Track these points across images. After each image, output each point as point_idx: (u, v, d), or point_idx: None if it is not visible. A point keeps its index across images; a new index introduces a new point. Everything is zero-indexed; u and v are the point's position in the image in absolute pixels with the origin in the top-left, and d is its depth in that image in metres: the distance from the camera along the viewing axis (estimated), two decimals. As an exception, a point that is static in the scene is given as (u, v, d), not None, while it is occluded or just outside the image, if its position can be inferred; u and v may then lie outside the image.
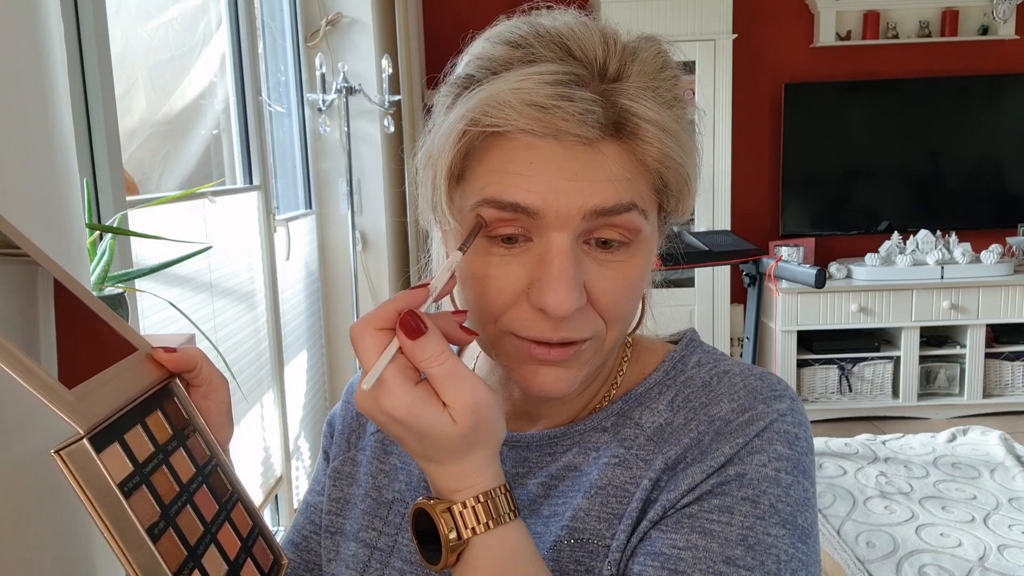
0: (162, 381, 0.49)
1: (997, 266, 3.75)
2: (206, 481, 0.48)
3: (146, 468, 0.43)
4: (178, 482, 0.45)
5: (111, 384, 0.44)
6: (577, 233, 0.52)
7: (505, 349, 0.56)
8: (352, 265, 3.04)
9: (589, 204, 0.51)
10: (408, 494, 0.66)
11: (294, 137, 3.02)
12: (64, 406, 0.39)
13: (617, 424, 0.61)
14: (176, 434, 0.48)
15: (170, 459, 0.46)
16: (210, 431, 0.52)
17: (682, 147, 0.53)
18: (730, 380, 0.60)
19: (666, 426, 0.59)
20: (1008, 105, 3.98)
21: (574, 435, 0.62)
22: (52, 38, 0.76)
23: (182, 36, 2.07)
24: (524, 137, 0.51)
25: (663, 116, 0.52)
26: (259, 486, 2.31)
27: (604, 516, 0.57)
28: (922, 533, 2.60)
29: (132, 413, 0.44)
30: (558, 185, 0.51)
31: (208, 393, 0.53)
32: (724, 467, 0.54)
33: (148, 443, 0.44)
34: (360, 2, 3.03)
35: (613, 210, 0.51)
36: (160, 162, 1.99)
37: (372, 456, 0.70)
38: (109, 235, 1.20)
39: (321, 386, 3.11)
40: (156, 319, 1.64)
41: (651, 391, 0.62)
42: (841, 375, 3.84)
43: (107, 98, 1.46)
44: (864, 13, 3.95)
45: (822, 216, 4.07)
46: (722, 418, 0.57)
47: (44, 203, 0.75)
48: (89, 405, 0.41)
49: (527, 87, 0.50)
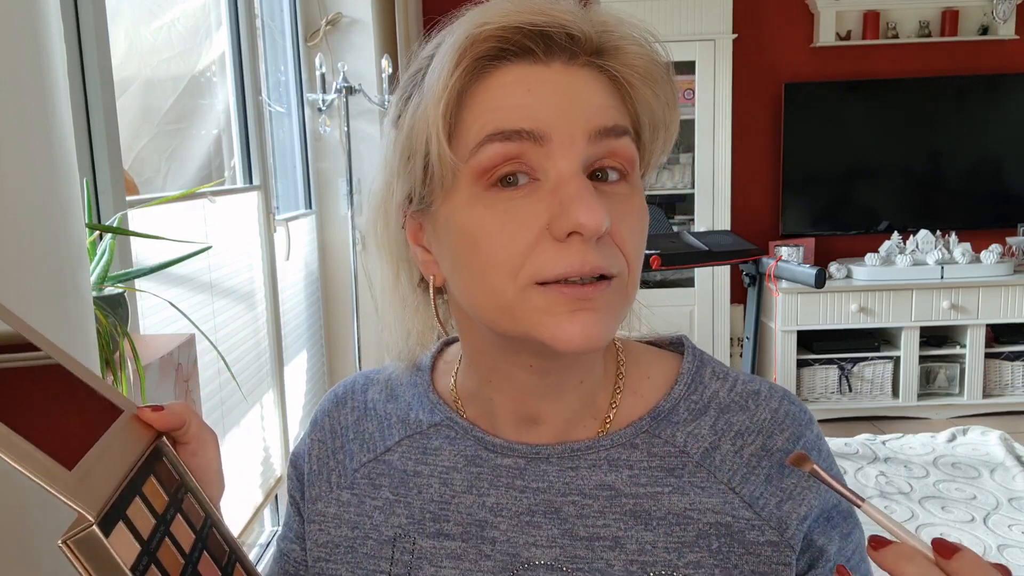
0: (151, 443, 0.47)
1: (997, 266, 3.75)
2: (206, 547, 0.46)
3: (151, 545, 0.41)
4: (182, 554, 0.44)
5: (107, 456, 0.42)
6: (583, 160, 0.51)
7: (530, 305, 0.51)
8: (352, 265, 3.04)
9: (593, 123, 0.50)
10: (412, 528, 0.61)
11: (294, 137, 3.02)
12: (68, 491, 0.37)
13: (650, 443, 0.60)
14: (172, 500, 0.45)
15: (171, 529, 0.44)
16: (201, 490, 0.49)
17: (663, 83, 0.54)
18: (767, 405, 0.61)
19: (712, 451, 0.59)
20: (1008, 105, 3.98)
21: (599, 450, 0.59)
22: (52, 38, 0.76)
23: (184, 36, 2.07)
24: (514, 69, 0.51)
25: (643, 39, 0.54)
26: (259, 486, 2.31)
27: (671, 546, 0.57)
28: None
29: (130, 486, 0.42)
30: (561, 107, 0.50)
31: (197, 450, 0.50)
32: (816, 501, 0.58)
33: (149, 516, 0.42)
34: (360, 2, 3.03)
35: (614, 130, 0.51)
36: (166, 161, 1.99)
37: (362, 494, 0.64)
38: (109, 235, 1.20)
39: (321, 386, 3.11)
40: (156, 319, 1.64)
41: (678, 408, 0.60)
42: (841, 375, 3.84)
43: (107, 98, 1.46)
44: (864, 13, 3.94)
45: (822, 216, 4.07)
46: (780, 450, 0.59)
47: (44, 203, 0.75)
48: (92, 485, 0.39)
49: (509, 7, 0.51)
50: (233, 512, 2.08)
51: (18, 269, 0.70)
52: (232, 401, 2.06)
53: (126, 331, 1.13)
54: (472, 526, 0.60)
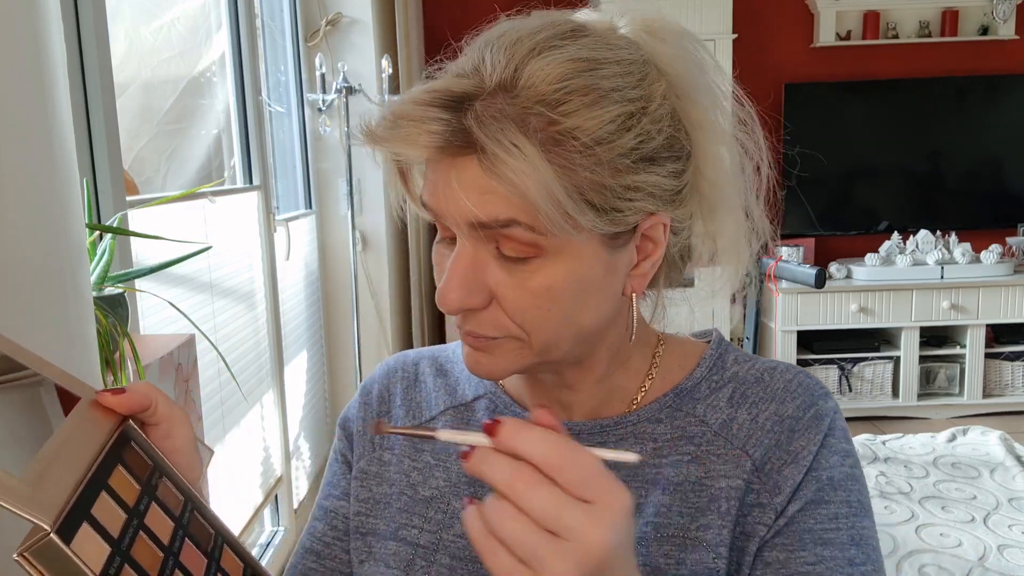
0: (116, 429, 0.43)
1: (997, 266, 3.75)
2: (187, 534, 0.43)
3: (123, 543, 0.38)
4: (160, 547, 0.40)
5: (63, 451, 0.38)
6: (477, 239, 0.53)
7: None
8: (352, 265, 3.04)
9: (468, 216, 0.52)
10: (448, 490, 0.66)
11: (294, 137, 3.02)
12: (16, 500, 0.33)
13: (673, 416, 0.64)
14: (145, 488, 0.42)
15: (145, 521, 0.40)
16: (178, 472, 0.46)
17: (542, 176, 0.49)
18: (782, 376, 0.64)
19: (730, 422, 0.63)
20: (1008, 105, 3.98)
21: (627, 425, 0.64)
22: (52, 38, 0.76)
23: (184, 36, 2.07)
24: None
25: (509, 142, 0.49)
26: (259, 486, 2.31)
27: (686, 511, 0.60)
28: (922, 533, 2.60)
29: (93, 480, 0.38)
30: (446, 193, 0.53)
31: (169, 431, 0.48)
32: (814, 468, 0.60)
33: (118, 511, 0.39)
34: (360, 2, 3.03)
35: (490, 224, 0.51)
36: (166, 161, 1.99)
37: (402, 455, 0.69)
38: (109, 235, 1.20)
39: (321, 386, 3.11)
40: (156, 319, 1.64)
41: (700, 386, 0.65)
42: (841, 375, 3.84)
43: (107, 98, 1.46)
44: (864, 13, 3.94)
45: (822, 216, 4.07)
46: (791, 416, 0.62)
47: (44, 203, 0.75)
48: (46, 489, 0.35)
49: (390, 107, 0.53)
50: (233, 512, 2.08)
51: (18, 269, 0.70)
52: (232, 401, 2.06)
53: (126, 331, 1.13)
54: None
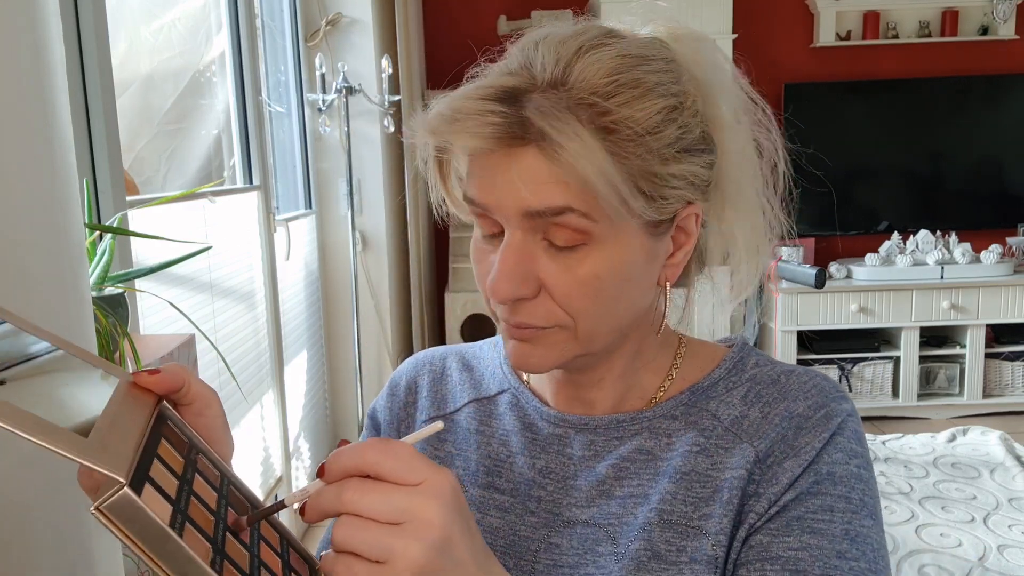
0: (155, 408, 0.45)
1: (997, 266, 3.75)
2: (229, 504, 0.45)
3: (180, 503, 0.40)
4: (209, 511, 0.43)
5: (117, 423, 0.41)
6: (527, 230, 0.56)
7: (500, 325, 0.62)
8: (352, 265, 3.04)
9: (522, 205, 0.55)
10: (466, 478, 0.69)
11: (294, 137, 3.02)
12: (94, 456, 0.36)
13: (687, 413, 0.65)
14: (187, 462, 0.44)
15: (194, 488, 0.43)
16: (212, 450, 0.49)
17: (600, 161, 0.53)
18: (798, 378, 0.65)
19: (742, 419, 0.64)
20: (1008, 105, 3.98)
21: (643, 420, 0.66)
22: (52, 38, 0.76)
23: (184, 36, 2.07)
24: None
25: (570, 129, 0.53)
26: (259, 486, 2.31)
27: (690, 500, 0.61)
28: (922, 533, 2.60)
29: (147, 448, 0.41)
30: (497, 186, 0.56)
31: (201, 410, 0.50)
32: (815, 463, 0.60)
33: (171, 477, 0.41)
34: (360, 2, 3.03)
35: (545, 212, 0.55)
36: (166, 161, 1.99)
37: (425, 442, 0.72)
38: (109, 235, 1.20)
39: (321, 386, 3.11)
40: (156, 319, 1.64)
41: (717, 385, 0.66)
42: (841, 375, 3.84)
43: (107, 98, 1.46)
44: (864, 13, 3.94)
45: (822, 216, 4.07)
46: (801, 414, 0.62)
47: (44, 203, 0.75)
48: (112, 450, 0.38)
49: (444, 103, 0.56)
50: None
51: (18, 269, 0.70)
52: (232, 401, 2.06)
53: (126, 331, 1.13)
54: (521, 484, 0.67)
